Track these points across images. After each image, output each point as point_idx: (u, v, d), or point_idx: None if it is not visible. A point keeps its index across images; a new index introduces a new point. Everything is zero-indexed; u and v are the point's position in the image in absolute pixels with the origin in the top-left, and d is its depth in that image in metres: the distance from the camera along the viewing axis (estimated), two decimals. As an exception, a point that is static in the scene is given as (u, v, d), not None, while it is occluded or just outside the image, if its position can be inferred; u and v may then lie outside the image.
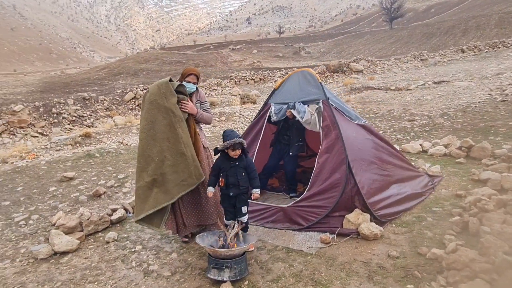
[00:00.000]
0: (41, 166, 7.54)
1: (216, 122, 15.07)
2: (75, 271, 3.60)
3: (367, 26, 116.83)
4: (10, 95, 32.18)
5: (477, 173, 4.87)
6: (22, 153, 10.97)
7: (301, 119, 4.48)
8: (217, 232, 3.46)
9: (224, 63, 57.45)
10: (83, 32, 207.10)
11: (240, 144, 3.43)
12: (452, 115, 9.15)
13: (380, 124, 9.15)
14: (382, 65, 28.72)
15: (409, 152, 6.50)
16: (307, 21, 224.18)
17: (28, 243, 4.31)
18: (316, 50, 69.47)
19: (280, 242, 3.80)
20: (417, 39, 59.14)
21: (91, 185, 6.22)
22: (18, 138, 14.93)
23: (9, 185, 6.45)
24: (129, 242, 4.14)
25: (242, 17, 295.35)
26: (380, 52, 56.66)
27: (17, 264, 3.83)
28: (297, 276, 3.16)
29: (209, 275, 3.16)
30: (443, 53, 32.88)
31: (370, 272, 3.10)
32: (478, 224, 3.42)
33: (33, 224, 4.85)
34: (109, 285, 3.31)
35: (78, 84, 39.95)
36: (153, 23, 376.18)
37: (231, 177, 3.50)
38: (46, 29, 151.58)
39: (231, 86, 27.08)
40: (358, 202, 3.90)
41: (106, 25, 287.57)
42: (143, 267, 3.59)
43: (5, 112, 15.82)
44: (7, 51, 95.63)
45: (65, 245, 4.00)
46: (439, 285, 2.71)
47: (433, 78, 18.78)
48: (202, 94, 4.16)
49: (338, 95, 18.15)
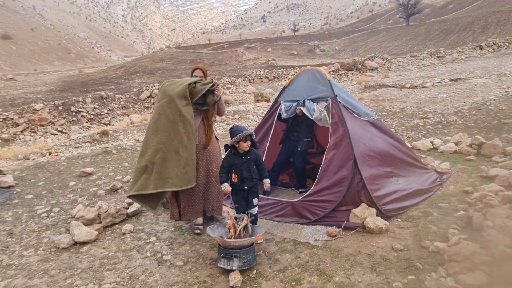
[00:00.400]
0: (61, 162, 7.85)
1: (230, 120, 15.27)
2: (94, 260, 3.82)
3: (383, 23, 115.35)
4: (31, 94, 33.14)
5: (486, 170, 4.91)
6: (42, 150, 11.39)
7: (310, 116, 4.61)
8: (225, 224, 3.62)
9: (239, 62, 57.70)
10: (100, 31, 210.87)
11: (250, 135, 3.59)
12: (466, 112, 9.09)
13: (392, 121, 9.16)
14: (398, 62, 28.42)
15: (419, 149, 6.54)
16: (322, 19, 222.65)
17: (50, 233, 4.55)
18: (331, 48, 69.03)
19: (288, 235, 3.94)
20: (435, 36, 58.12)
21: (109, 180, 6.48)
22: (38, 136, 15.45)
23: (32, 180, 6.76)
24: (144, 233, 4.34)
25: (257, 15, 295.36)
26: (396, 49, 55.94)
27: (40, 253, 4.08)
28: (303, 266, 3.30)
29: (219, 264, 3.33)
30: (461, 50, 32.32)
31: (374, 263, 3.21)
32: (482, 218, 3.48)
33: (54, 216, 5.11)
34: (125, 273, 3.51)
35: (95, 83, 40.82)
36: (168, 22, 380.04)
37: (245, 172, 3.66)
38: (65, 29, 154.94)
39: (245, 85, 27.25)
40: (364, 197, 4.01)
41: (122, 24, 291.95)
42: (157, 256, 3.78)
43: (26, 111, 16.37)
44: (27, 51, 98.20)
45: (85, 235, 4.22)
46: (439, 276, 2.81)
47: (449, 76, 18.55)
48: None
49: (352, 93, 18.12)
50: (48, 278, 3.52)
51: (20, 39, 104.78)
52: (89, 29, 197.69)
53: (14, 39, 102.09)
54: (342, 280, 3.03)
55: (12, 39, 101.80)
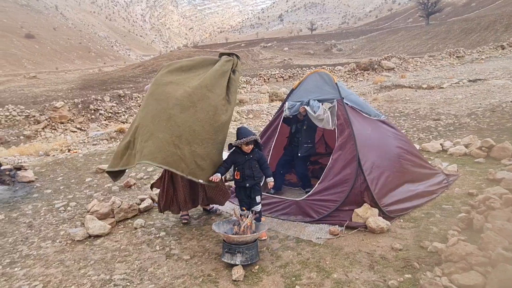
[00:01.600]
0: (78, 159, 8.16)
1: (243, 120, 15.45)
2: (106, 252, 4.02)
3: (402, 22, 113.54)
4: (52, 92, 34.13)
5: (493, 173, 4.90)
6: (62, 147, 11.81)
7: (313, 113, 4.64)
8: (232, 220, 3.77)
9: (255, 61, 57.89)
10: (119, 31, 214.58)
11: (254, 140, 3.73)
12: (480, 114, 8.99)
13: (404, 123, 9.14)
14: (415, 62, 28.03)
15: (428, 151, 6.54)
16: (340, 18, 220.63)
17: (66, 226, 4.80)
18: (348, 47, 68.49)
19: (291, 233, 4.06)
20: (455, 35, 56.94)
21: (123, 176, 6.70)
22: (59, 133, 15.95)
23: (51, 175, 7.07)
24: (155, 228, 4.53)
25: (274, 14, 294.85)
26: (415, 49, 55.08)
27: (57, 244, 4.32)
28: (304, 263, 3.42)
29: (223, 259, 3.48)
30: (481, 50, 31.61)
31: (372, 262, 3.30)
32: (482, 221, 3.53)
33: (71, 210, 5.37)
34: (135, 265, 3.71)
35: (114, 81, 41.71)
36: (186, 22, 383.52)
37: (247, 170, 3.82)
38: (85, 28, 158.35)
39: (260, 84, 27.37)
40: (367, 198, 4.09)
41: (141, 24, 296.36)
42: (165, 250, 3.96)
43: (47, 108, 16.93)
44: (50, 50, 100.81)
45: (98, 229, 4.44)
46: (434, 275, 2.89)
47: (468, 76, 18.23)
48: None
49: (367, 93, 18.01)
50: (63, 268, 3.75)
51: (43, 38, 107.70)
52: (109, 28, 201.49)
53: (37, 38, 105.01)
54: (340, 277, 3.13)
55: (35, 38, 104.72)
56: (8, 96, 31.43)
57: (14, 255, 4.11)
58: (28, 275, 3.65)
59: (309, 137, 5.08)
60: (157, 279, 3.41)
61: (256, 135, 3.83)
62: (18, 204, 5.69)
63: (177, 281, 3.33)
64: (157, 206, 4.62)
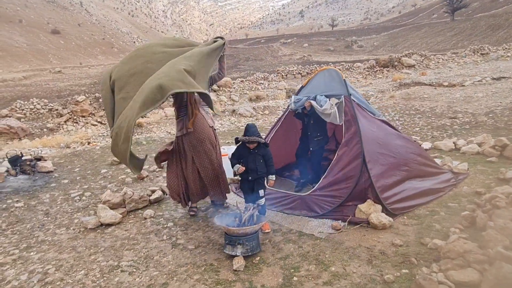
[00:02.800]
0: (95, 151, 8.44)
1: (259, 116, 15.52)
2: (116, 240, 4.20)
3: (426, 17, 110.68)
4: (76, 86, 35.06)
5: (504, 172, 4.82)
6: (82, 139, 12.19)
7: (320, 107, 4.67)
8: (234, 213, 3.87)
9: (274, 57, 57.74)
10: (142, 27, 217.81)
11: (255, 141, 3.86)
12: (498, 113, 8.77)
13: (418, 121, 9.01)
14: (437, 59, 27.36)
15: (441, 149, 6.45)
16: (362, 14, 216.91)
17: (80, 215, 5.02)
18: (369, 44, 67.41)
19: (294, 227, 4.13)
20: (481, 32, 55.17)
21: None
22: (80, 126, 16.43)
23: (69, 166, 7.36)
24: (163, 219, 4.69)
25: (295, 10, 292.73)
26: (439, 45, 53.73)
27: (71, 232, 4.53)
28: (304, 256, 3.48)
29: (225, 250, 3.60)
30: (507, 46, 30.53)
31: (371, 256, 3.34)
32: (486, 219, 3.50)
33: (85, 199, 5.59)
34: (142, 253, 3.86)
35: (135, 77, 42.36)
36: (207, 17, 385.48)
37: (251, 163, 3.94)
38: (109, 24, 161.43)
39: (278, 80, 27.31)
40: (371, 194, 4.11)
41: (163, 20, 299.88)
42: (172, 240, 4.10)
43: (70, 102, 17.46)
44: (74, 45, 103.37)
45: (110, 218, 4.63)
46: (431, 271, 2.90)
47: (492, 74, 17.70)
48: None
49: (386, 90, 17.74)
50: (75, 254, 3.94)
51: (68, 34, 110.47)
52: (131, 24, 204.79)
53: (62, 34, 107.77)
54: (338, 270, 3.19)
55: (61, 34, 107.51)
56: (34, 90, 32.50)
57: (30, 240, 4.34)
58: (43, 259, 3.86)
59: (318, 130, 5.08)
60: (162, 266, 3.55)
61: (261, 137, 3.94)
62: (37, 192, 5.97)
63: (181, 269, 3.46)
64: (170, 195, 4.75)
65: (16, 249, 4.14)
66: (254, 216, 3.70)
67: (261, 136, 4.02)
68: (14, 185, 6.18)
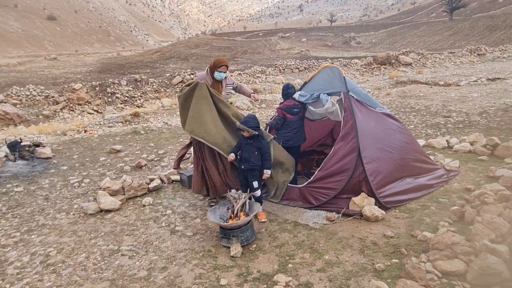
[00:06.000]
0: (94, 139, 8.50)
1: (256, 109, 15.60)
2: (115, 226, 4.30)
3: (425, 16, 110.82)
4: (71, 74, 34.84)
5: (493, 170, 4.97)
6: (79, 127, 12.20)
7: (322, 106, 4.80)
8: (226, 203, 3.98)
9: (272, 51, 57.60)
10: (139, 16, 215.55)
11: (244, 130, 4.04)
12: (492, 113, 8.94)
13: (413, 118, 9.16)
14: (434, 58, 27.53)
15: (434, 147, 6.60)
16: (361, 10, 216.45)
17: (80, 201, 5.10)
18: (368, 41, 67.43)
19: (290, 217, 4.26)
20: (479, 32, 55.46)
21: (135, 157, 7.01)
22: (76, 114, 16.41)
23: (67, 153, 7.41)
24: (162, 207, 4.79)
25: (294, 4, 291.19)
26: (436, 44, 53.92)
27: (71, 217, 4.62)
28: (298, 244, 3.62)
29: (222, 243, 3.72)
30: (504, 48, 30.80)
31: (363, 246, 3.48)
32: (474, 214, 3.65)
33: (85, 186, 5.68)
34: (141, 238, 3.97)
35: (132, 66, 42.24)
36: (205, 9, 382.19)
37: (245, 153, 4.08)
38: (106, 12, 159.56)
39: (275, 74, 27.35)
40: (365, 188, 4.24)
41: (160, 9, 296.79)
42: (170, 227, 4.21)
43: (66, 90, 17.39)
44: (70, 32, 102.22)
45: (109, 204, 4.73)
46: (419, 261, 3.05)
47: (487, 75, 17.92)
48: (230, 79, 4.98)
49: (382, 88, 17.89)
50: (76, 238, 4.04)
51: (64, 21, 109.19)
52: (128, 12, 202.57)
53: (58, 20, 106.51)
54: (331, 258, 3.32)
55: (57, 20, 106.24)
56: (29, 77, 32.26)
57: (31, 224, 4.43)
58: (44, 242, 3.96)
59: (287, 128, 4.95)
60: (161, 251, 3.67)
61: (256, 128, 4.04)
62: (36, 178, 6.04)
63: (179, 255, 3.58)
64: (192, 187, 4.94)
65: (17, 231, 4.23)
66: (246, 205, 3.80)
67: (258, 128, 4.12)
68: (13, 170, 6.24)
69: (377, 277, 2.99)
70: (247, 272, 3.21)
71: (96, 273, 3.33)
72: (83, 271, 3.37)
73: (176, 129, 9.56)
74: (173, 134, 8.93)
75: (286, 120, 4.93)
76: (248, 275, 3.17)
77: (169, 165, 6.50)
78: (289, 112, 4.91)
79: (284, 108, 4.93)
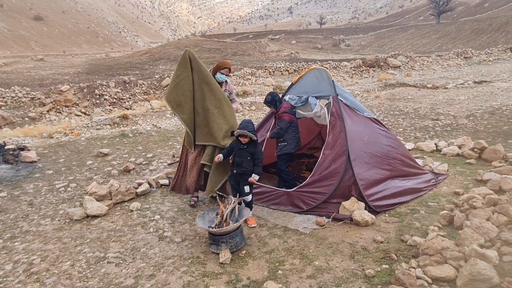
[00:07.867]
0: (81, 142, 8.35)
1: (246, 111, 15.56)
2: (102, 232, 4.21)
3: (413, 19, 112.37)
4: (58, 75, 34.33)
5: (481, 174, 5.02)
6: (66, 130, 11.99)
7: (310, 111, 4.81)
8: (215, 209, 3.92)
9: (262, 53, 57.66)
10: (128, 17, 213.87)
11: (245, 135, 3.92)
12: (479, 116, 9.06)
13: (402, 121, 9.23)
14: (422, 61, 27.88)
15: (423, 150, 6.65)
16: (350, 13, 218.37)
17: (65, 206, 4.99)
18: (357, 43, 67.98)
19: (280, 222, 4.22)
20: (465, 35, 56.39)
21: (123, 161, 6.89)
22: (63, 116, 16.14)
23: (53, 157, 7.26)
24: (150, 212, 4.71)
25: (284, 6, 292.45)
26: (424, 47, 54.64)
27: (56, 223, 4.51)
28: (288, 250, 3.58)
29: (211, 249, 3.66)
30: (490, 51, 31.35)
31: (353, 252, 3.46)
32: (463, 218, 3.66)
33: (71, 191, 5.55)
34: (129, 245, 3.89)
35: (121, 67, 41.81)
36: (195, 10, 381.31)
37: (238, 157, 4.03)
38: (94, 13, 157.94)
39: (265, 76, 27.37)
40: (355, 192, 4.23)
41: (150, 10, 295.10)
42: (159, 233, 4.14)
43: (53, 91, 17.11)
44: (58, 33, 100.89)
45: (96, 210, 4.63)
46: (409, 266, 3.03)
47: (474, 78, 18.19)
48: (230, 86, 4.89)
49: (371, 90, 18.02)
50: (60, 245, 3.94)
51: (51, 21, 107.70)
52: (117, 13, 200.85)
53: (45, 21, 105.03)
54: (321, 264, 3.29)
55: (44, 20, 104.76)
56: (15, 78, 31.69)
57: (14, 231, 4.31)
58: (27, 250, 3.85)
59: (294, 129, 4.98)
60: (149, 258, 3.59)
61: (254, 134, 4.00)
62: (20, 182, 5.89)
63: (168, 261, 3.51)
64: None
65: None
66: (235, 210, 3.76)
67: (255, 133, 4.09)
68: (-3, 175, 6.07)
69: (367, 283, 2.97)
70: (236, 279, 3.16)
71: (81, 281, 3.25)
72: (67, 279, 3.28)
73: (165, 132, 9.46)
74: (162, 137, 8.83)
75: (292, 122, 4.92)
76: (238, 282, 3.12)
77: (158, 169, 6.42)
78: (293, 114, 4.97)
79: (289, 111, 4.91)
